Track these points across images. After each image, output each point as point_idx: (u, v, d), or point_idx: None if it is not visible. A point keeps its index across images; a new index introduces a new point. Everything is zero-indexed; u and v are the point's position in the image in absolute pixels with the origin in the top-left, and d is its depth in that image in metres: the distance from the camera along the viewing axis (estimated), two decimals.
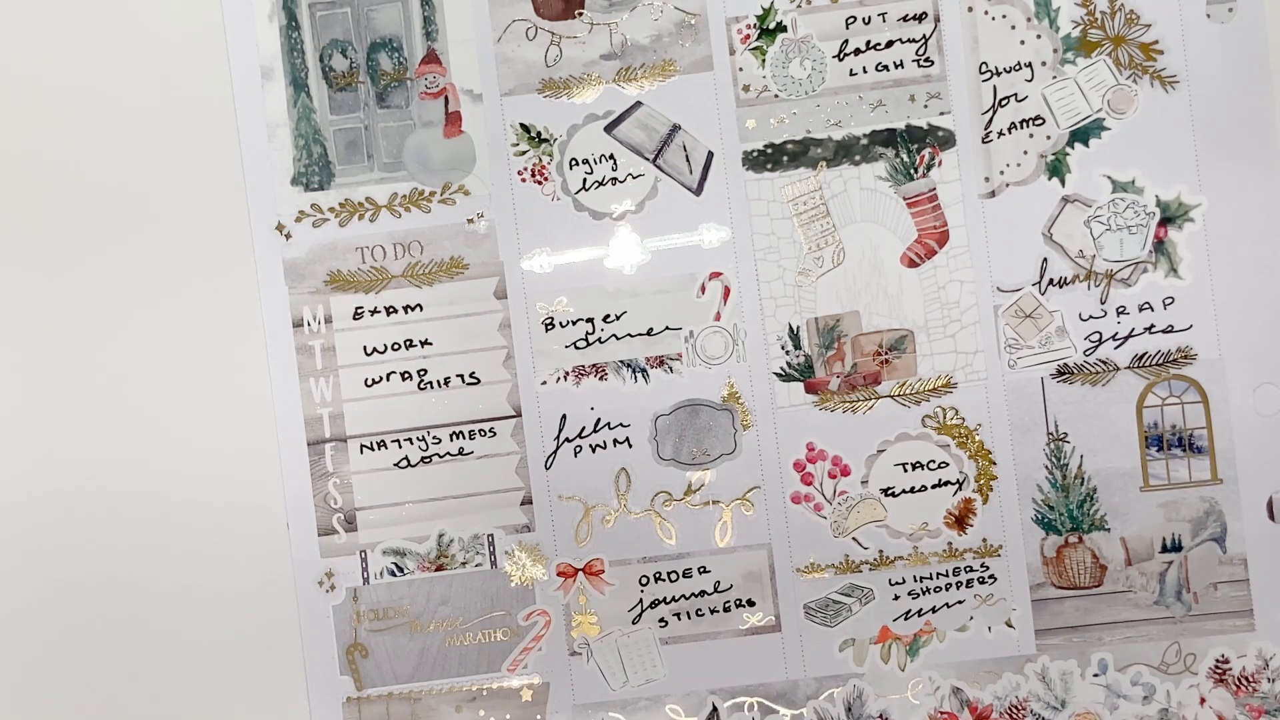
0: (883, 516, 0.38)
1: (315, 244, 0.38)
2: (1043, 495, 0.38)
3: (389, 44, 0.38)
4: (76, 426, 0.37)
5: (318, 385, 0.38)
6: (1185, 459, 0.38)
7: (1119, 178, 0.38)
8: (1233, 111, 0.38)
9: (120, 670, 0.38)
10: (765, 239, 0.38)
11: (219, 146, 0.37)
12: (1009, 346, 0.38)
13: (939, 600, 0.38)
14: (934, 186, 0.38)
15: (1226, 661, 0.38)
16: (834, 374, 0.38)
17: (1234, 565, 0.38)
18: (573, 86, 0.38)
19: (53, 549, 0.37)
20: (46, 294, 0.37)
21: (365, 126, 0.38)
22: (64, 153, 0.37)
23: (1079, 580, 0.38)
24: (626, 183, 0.38)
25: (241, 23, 0.37)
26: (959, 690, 0.38)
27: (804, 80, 0.38)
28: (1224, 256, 0.38)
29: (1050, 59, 0.38)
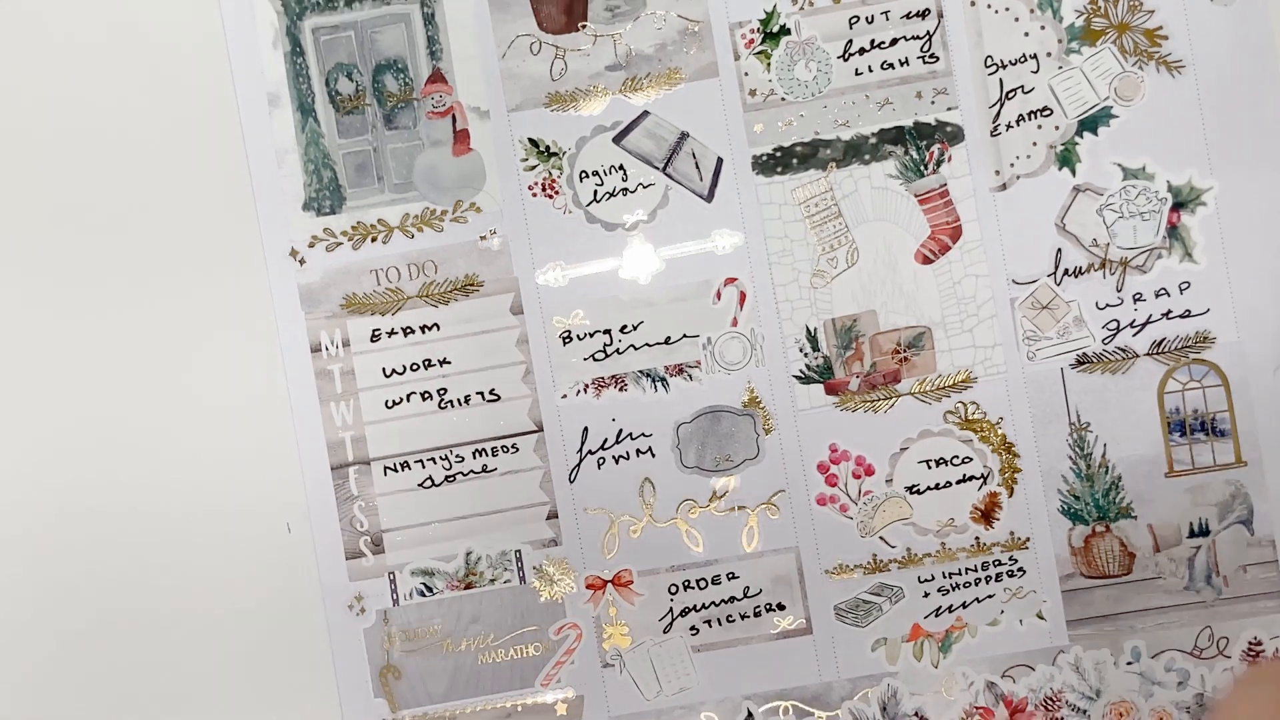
0: (909, 514, 0.38)
1: (329, 268, 0.38)
2: (1068, 486, 0.38)
3: (394, 65, 0.38)
4: (101, 461, 0.37)
5: (338, 409, 0.38)
6: (1209, 443, 0.38)
7: (1129, 165, 0.38)
8: (1240, 93, 0.37)
9: (153, 703, 0.38)
10: (779, 242, 0.38)
11: (229, 175, 0.37)
12: (1027, 338, 0.38)
13: (969, 595, 0.38)
14: (945, 182, 0.38)
15: (1259, 643, 0.38)
16: (853, 374, 0.38)
17: (1262, 547, 0.38)
18: (579, 99, 0.38)
19: (82, 579, 0.37)
20: (60, 330, 0.37)
21: (374, 149, 0.38)
22: (75, 190, 0.37)
23: (1108, 569, 0.38)
24: (637, 192, 0.38)
25: (246, 51, 0.37)
26: (993, 685, 0.38)
27: (810, 82, 0.38)
28: (1238, 238, 0.38)
29: (1055, 49, 0.38)
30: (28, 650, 0.37)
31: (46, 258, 0.37)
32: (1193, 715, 0.38)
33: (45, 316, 0.37)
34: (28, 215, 0.37)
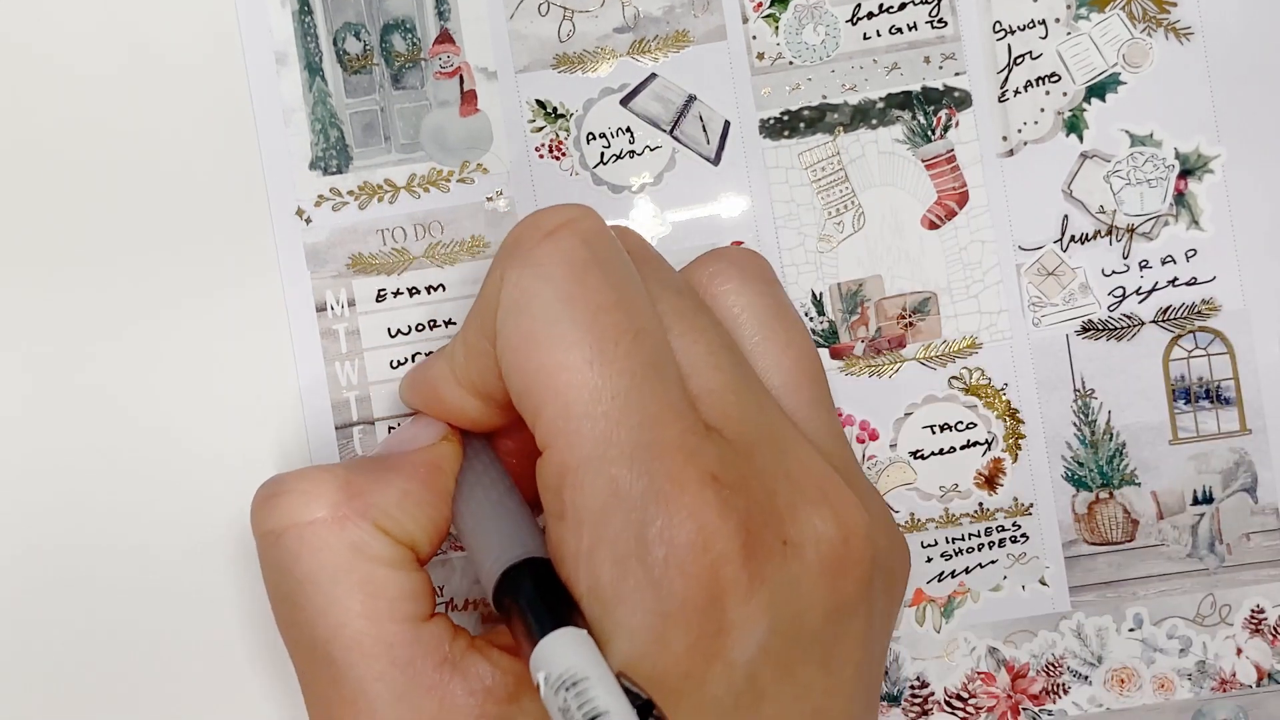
0: (912, 479, 0.38)
1: (335, 228, 0.38)
2: (1072, 452, 0.38)
3: (402, 25, 0.38)
4: (100, 418, 0.37)
5: (343, 369, 0.38)
6: (1213, 411, 0.38)
7: (1137, 132, 0.38)
8: (1248, 61, 0.37)
9: (148, 666, 0.38)
10: (785, 206, 0.38)
11: (236, 134, 0.37)
12: (1033, 305, 0.38)
13: (972, 561, 0.38)
14: (952, 148, 0.38)
15: (1262, 611, 0.38)
16: (859, 339, 0.38)
17: (1266, 515, 0.38)
18: (587, 61, 0.38)
19: (76, 539, 0.38)
20: (67, 286, 0.37)
21: (381, 108, 0.38)
22: (77, 148, 0.37)
23: (1111, 536, 0.38)
24: (644, 155, 0.38)
25: (254, 9, 0.37)
26: (995, 650, 0.38)
27: (818, 46, 0.38)
28: (1245, 206, 0.38)
29: (1064, 15, 0.38)
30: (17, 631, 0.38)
31: (46, 215, 0.37)
32: (1194, 682, 0.38)
33: (47, 274, 0.37)
34: (25, 175, 0.37)
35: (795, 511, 0.28)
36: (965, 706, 0.38)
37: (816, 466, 0.30)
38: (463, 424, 0.33)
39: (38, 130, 0.37)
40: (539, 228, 0.30)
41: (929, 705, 0.38)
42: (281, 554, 0.30)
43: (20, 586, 0.37)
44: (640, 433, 0.27)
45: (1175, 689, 0.38)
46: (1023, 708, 0.38)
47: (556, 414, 0.28)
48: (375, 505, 0.30)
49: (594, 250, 0.29)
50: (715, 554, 0.27)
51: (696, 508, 0.27)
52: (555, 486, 0.28)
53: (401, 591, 0.29)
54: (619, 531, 0.27)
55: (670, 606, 0.27)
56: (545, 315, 0.28)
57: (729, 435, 0.29)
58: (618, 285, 0.29)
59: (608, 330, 0.28)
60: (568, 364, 0.28)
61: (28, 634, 0.37)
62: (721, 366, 0.30)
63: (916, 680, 0.38)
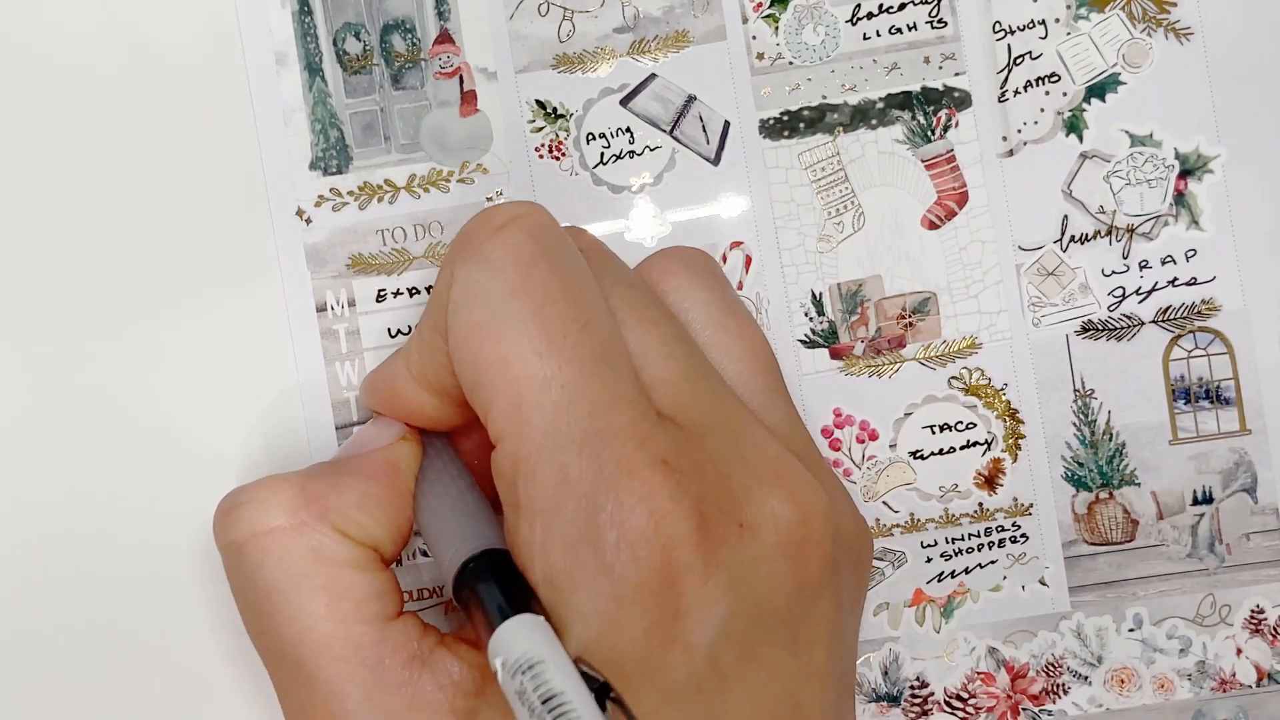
0: (912, 479, 0.38)
1: (335, 228, 0.38)
2: (1072, 452, 0.38)
3: (402, 25, 0.38)
4: (99, 418, 0.37)
5: (343, 369, 0.38)
6: (1213, 411, 0.38)
7: (1137, 132, 0.38)
8: (1248, 61, 0.37)
9: (146, 666, 0.38)
10: (785, 206, 0.38)
11: (236, 134, 0.37)
12: (1032, 305, 0.38)
13: (971, 561, 0.38)
14: (952, 148, 0.38)
15: (1262, 612, 0.38)
16: (859, 339, 0.38)
17: (1265, 515, 0.38)
18: (587, 61, 0.38)
19: (75, 538, 0.38)
20: (66, 286, 0.37)
21: (381, 109, 0.38)
22: (77, 148, 0.37)
23: (1111, 536, 0.38)
24: (644, 155, 0.38)
25: (254, 9, 0.37)
26: (995, 650, 0.38)
27: (818, 46, 0.38)
28: (1245, 206, 0.38)
29: (1064, 15, 0.38)
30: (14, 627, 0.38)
31: (46, 215, 0.37)
32: (1194, 682, 0.38)
33: (47, 274, 0.37)
34: (25, 176, 0.37)
35: (750, 494, 0.28)
36: (965, 707, 0.38)
37: (772, 450, 0.30)
38: (421, 422, 0.33)
39: (38, 130, 0.37)
40: (488, 224, 0.30)
41: (929, 705, 0.38)
42: (245, 564, 0.30)
43: (19, 587, 0.37)
44: (590, 421, 0.27)
45: (1175, 689, 0.38)
46: (1023, 708, 0.38)
47: (507, 405, 0.28)
48: (333, 509, 0.30)
49: (541, 244, 0.29)
50: (667, 537, 0.27)
51: (646, 492, 0.27)
52: (509, 478, 0.28)
53: (366, 593, 0.29)
54: (570, 518, 0.27)
55: (624, 590, 0.26)
56: (493, 308, 0.28)
57: (682, 422, 0.29)
58: (565, 277, 0.29)
59: (555, 321, 0.28)
60: (517, 355, 0.28)
61: (26, 634, 0.37)
62: (675, 356, 0.30)
63: (916, 680, 0.38)
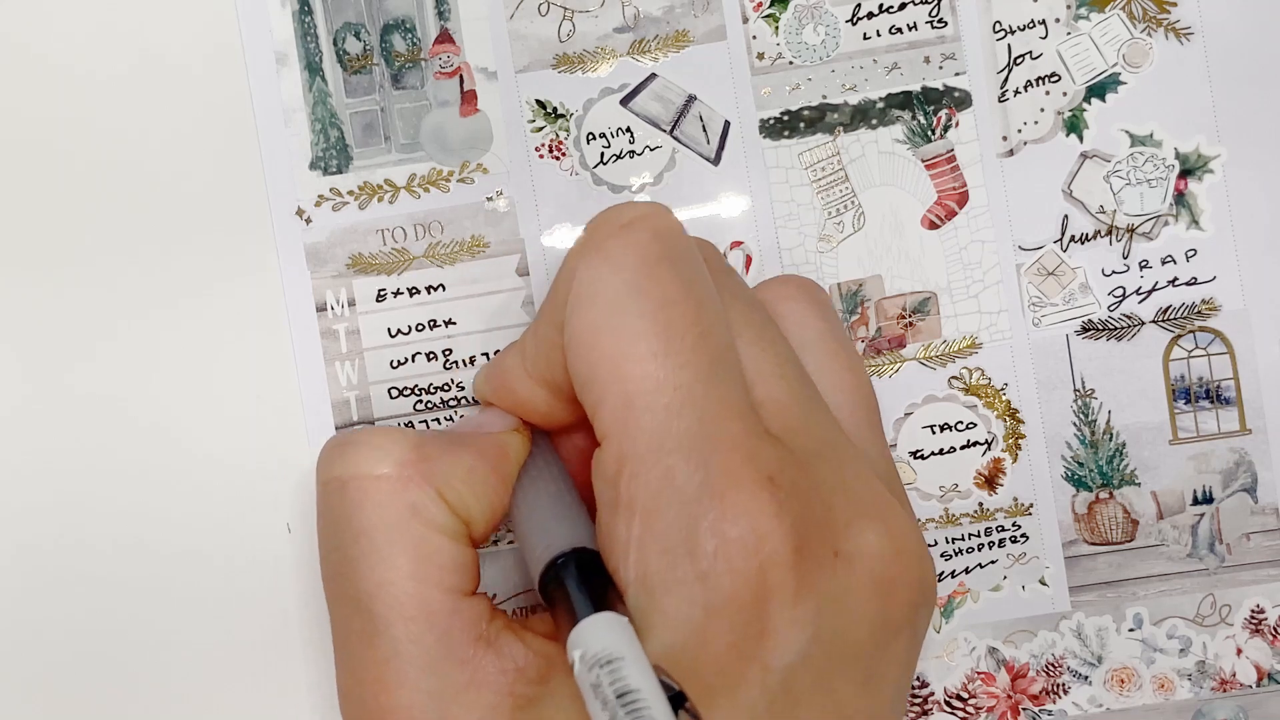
0: (912, 480, 0.38)
1: (335, 228, 0.38)
2: (1072, 452, 0.38)
3: (402, 25, 0.38)
4: (99, 418, 0.37)
5: (343, 369, 0.38)
6: (1213, 411, 0.38)
7: (1137, 132, 0.38)
8: (1248, 61, 0.37)
9: (144, 665, 0.38)
10: (785, 206, 0.38)
11: (236, 134, 0.37)
12: (1033, 305, 0.38)
13: (972, 561, 0.38)
14: (952, 148, 0.38)
15: (1262, 611, 0.38)
16: (859, 339, 0.38)
17: (1265, 515, 0.38)
18: (587, 61, 0.38)
19: (74, 537, 0.38)
20: (67, 286, 0.37)
21: (381, 108, 0.38)
22: (77, 148, 0.37)
23: (1111, 536, 0.38)
24: (644, 155, 0.38)
25: (254, 10, 0.37)
26: (995, 650, 0.38)
27: (818, 46, 0.38)
28: (1245, 206, 0.38)
29: (1064, 15, 0.38)
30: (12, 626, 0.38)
31: (47, 215, 0.37)
32: (1194, 682, 0.38)
33: (47, 274, 0.37)
34: (25, 176, 0.37)
35: (850, 524, 0.28)
36: (965, 706, 0.38)
37: (874, 485, 0.30)
38: (531, 417, 0.33)
39: (38, 130, 0.37)
40: (613, 221, 0.30)
41: (929, 705, 0.38)
42: (343, 502, 0.30)
43: (18, 586, 0.37)
44: (700, 426, 0.27)
45: (1175, 689, 0.38)
46: (1023, 708, 0.38)
47: (618, 404, 0.28)
48: (440, 473, 0.30)
49: (667, 246, 0.29)
50: (765, 554, 0.26)
51: (750, 506, 0.27)
52: (612, 476, 0.28)
53: (450, 561, 0.29)
54: (671, 523, 0.27)
55: (715, 601, 0.26)
56: (613, 305, 0.28)
57: (790, 444, 0.29)
58: (688, 282, 0.29)
59: (675, 324, 0.28)
60: (632, 354, 0.28)
61: (25, 632, 0.37)
62: (787, 377, 0.30)
63: (916, 680, 0.38)
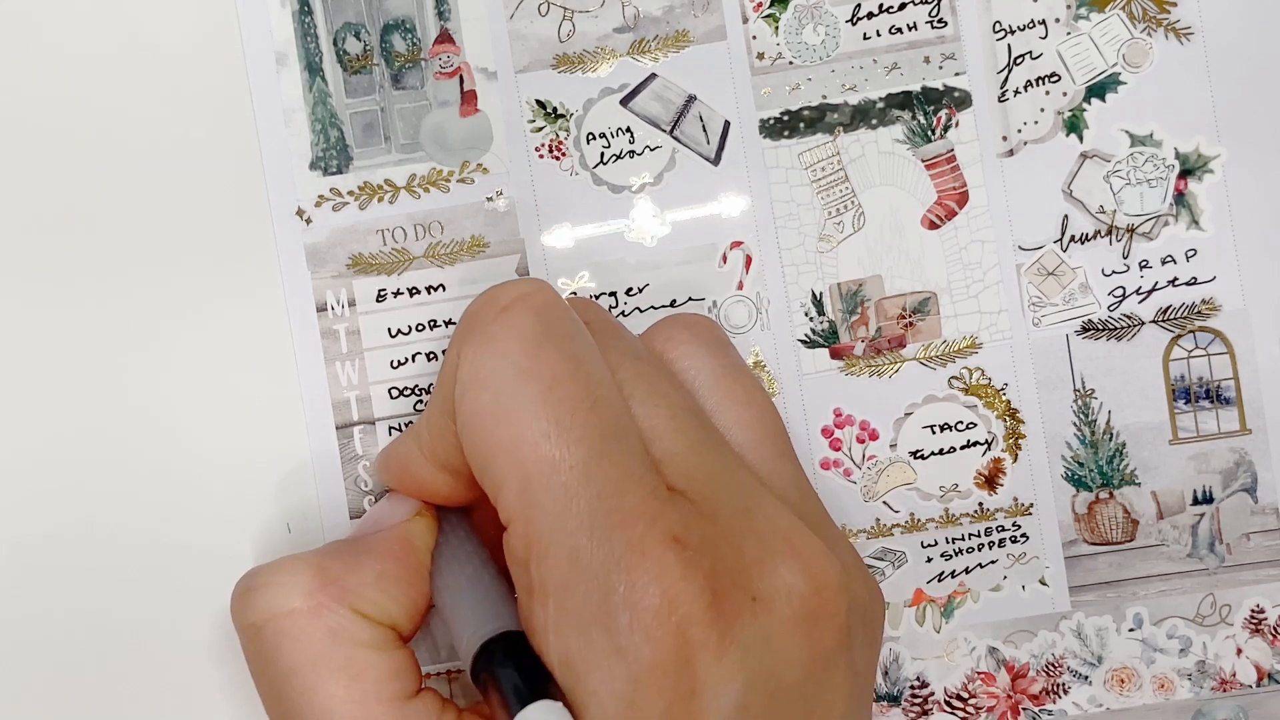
0: (912, 479, 0.38)
1: (336, 228, 0.38)
2: (1072, 452, 0.38)
3: (402, 25, 0.38)
4: (98, 417, 0.37)
5: (343, 369, 0.38)
6: (1213, 410, 0.38)
7: (1137, 131, 0.38)
8: (1248, 61, 0.37)
9: (145, 671, 0.38)
10: (785, 206, 0.38)
11: (236, 134, 0.37)
12: (1033, 305, 0.38)
13: (972, 561, 0.38)
14: (952, 148, 0.38)
15: (1262, 611, 0.38)
16: (859, 339, 0.38)
17: (1265, 515, 0.38)
18: (587, 61, 0.38)
19: (77, 545, 0.38)
20: (65, 285, 0.37)
21: (381, 109, 0.38)
22: (77, 148, 0.37)
23: (1111, 536, 0.38)
24: (644, 155, 0.38)
25: (254, 9, 0.37)
26: (995, 650, 0.38)
27: (818, 46, 0.38)
28: (1245, 206, 0.38)
29: (1064, 15, 0.38)
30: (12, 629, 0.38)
31: (47, 215, 0.37)
32: (1194, 682, 0.38)
33: (47, 275, 0.37)
34: (27, 178, 0.37)
35: (763, 567, 0.28)
36: (965, 706, 0.38)
37: (784, 520, 0.29)
38: (436, 500, 0.33)
39: (38, 131, 0.37)
40: (493, 304, 0.30)
41: (929, 705, 0.38)
42: (263, 646, 0.30)
43: (18, 583, 0.37)
44: (600, 501, 0.27)
45: (1175, 689, 0.38)
46: (1023, 708, 0.38)
47: (517, 488, 0.28)
48: (351, 590, 0.30)
49: (548, 324, 0.29)
50: (681, 615, 0.26)
51: (658, 571, 0.27)
52: (522, 560, 0.28)
53: (385, 672, 0.29)
54: (584, 600, 0.27)
55: (639, 671, 0.26)
56: (501, 391, 0.28)
57: (693, 496, 0.29)
58: (572, 357, 0.29)
59: (564, 402, 0.28)
60: (525, 438, 0.28)
61: (24, 628, 0.37)
62: (683, 429, 0.30)
63: (916, 680, 0.38)
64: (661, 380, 0.31)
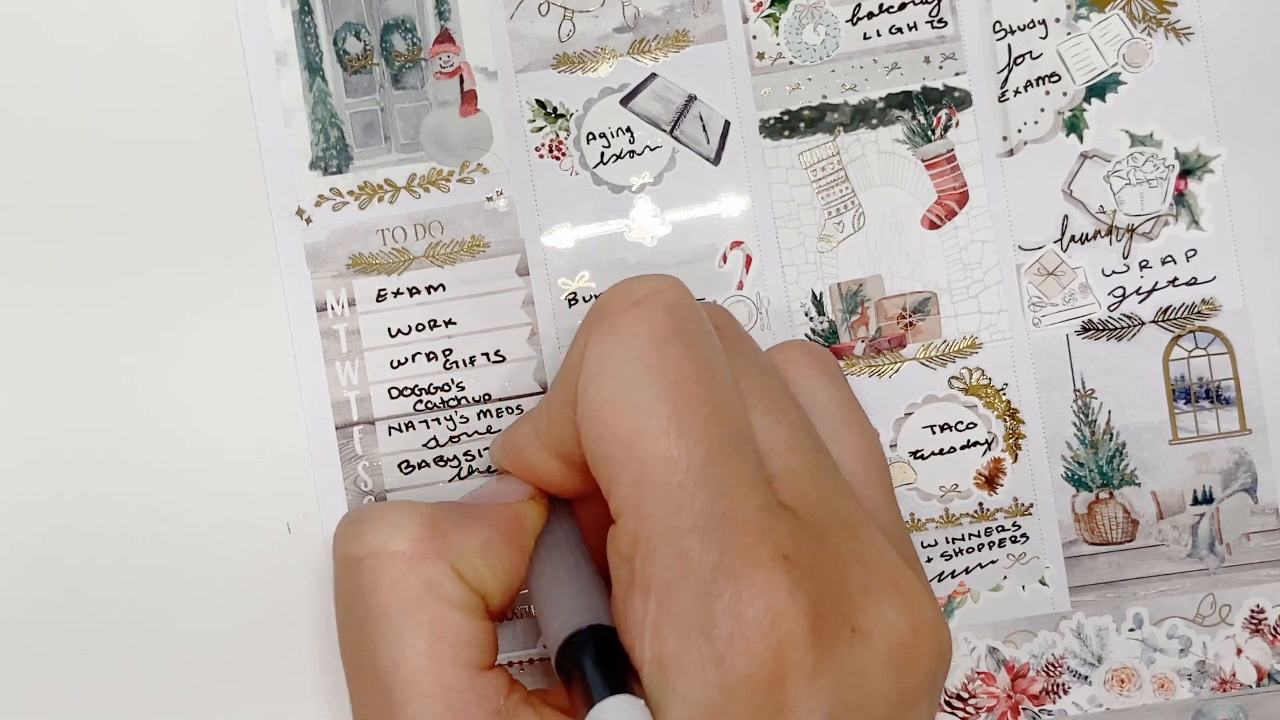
0: (912, 479, 0.38)
1: (336, 228, 0.38)
2: (1072, 452, 0.38)
3: (402, 25, 0.38)
4: (98, 416, 0.37)
5: (343, 369, 0.38)
6: (1213, 411, 0.38)
7: (1137, 131, 0.38)
8: (1248, 61, 0.37)
9: (150, 668, 0.38)
10: (785, 206, 0.38)
11: (236, 134, 0.37)
12: (1033, 305, 0.38)
13: (972, 561, 0.38)
14: (952, 148, 0.38)
15: (1262, 611, 0.38)
16: (859, 339, 0.38)
17: (1266, 515, 0.38)
18: (587, 61, 0.38)
19: (79, 545, 0.38)
20: (66, 285, 0.37)
21: (381, 108, 0.38)
22: (77, 148, 0.37)
23: (1111, 536, 0.38)
24: (644, 155, 0.38)
25: (254, 9, 0.37)
26: (995, 650, 0.38)
27: (818, 46, 0.38)
28: (1245, 206, 0.38)
29: (1064, 15, 0.38)
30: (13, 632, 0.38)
31: (48, 215, 0.37)
32: (1194, 682, 0.38)
33: (47, 275, 0.37)
34: (27, 179, 0.37)
35: (867, 599, 0.28)
36: (965, 706, 0.38)
37: (889, 556, 0.29)
38: (547, 487, 0.33)
39: (37, 130, 0.37)
40: (626, 296, 0.29)
41: None
42: (359, 580, 0.30)
43: (19, 582, 0.37)
44: (714, 506, 0.27)
45: (1175, 689, 0.38)
46: (1023, 708, 0.38)
47: (631, 483, 0.28)
48: (455, 547, 0.30)
49: (679, 321, 0.29)
50: (782, 634, 0.26)
51: (767, 585, 0.26)
52: (627, 554, 0.28)
53: (467, 637, 0.29)
54: (686, 603, 0.27)
55: (732, 682, 0.26)
56: (625, 383, 0.28)
57: (804, 516, 0.28)
58: (700, 357, 0.29)
59: (687, 401, 0.28)
60: (645, 433, 0.28)
61: (25, 625, 0.37)
62: (801, 448, 0.30)
63: None
64: (784, 397, 0.31)
